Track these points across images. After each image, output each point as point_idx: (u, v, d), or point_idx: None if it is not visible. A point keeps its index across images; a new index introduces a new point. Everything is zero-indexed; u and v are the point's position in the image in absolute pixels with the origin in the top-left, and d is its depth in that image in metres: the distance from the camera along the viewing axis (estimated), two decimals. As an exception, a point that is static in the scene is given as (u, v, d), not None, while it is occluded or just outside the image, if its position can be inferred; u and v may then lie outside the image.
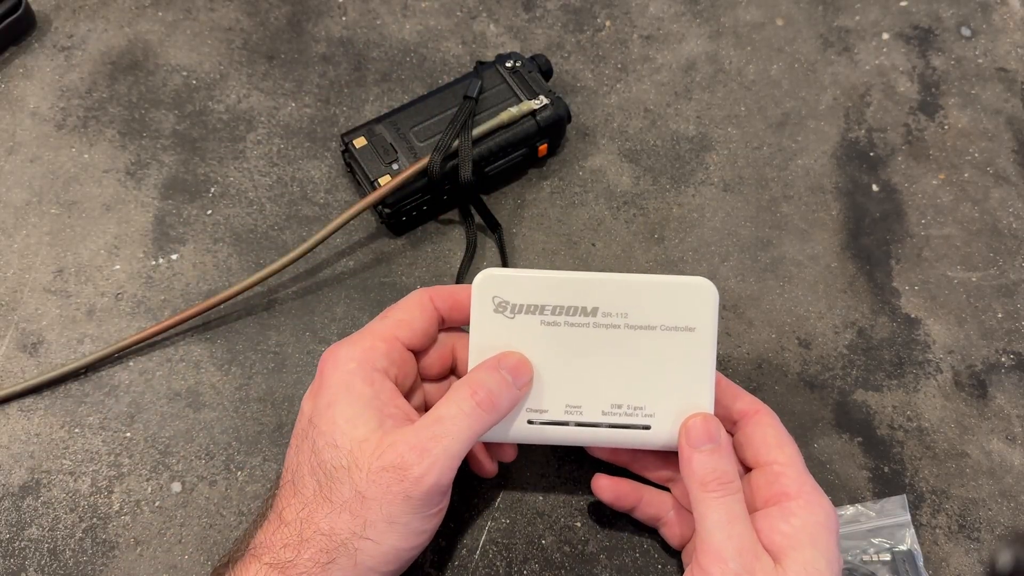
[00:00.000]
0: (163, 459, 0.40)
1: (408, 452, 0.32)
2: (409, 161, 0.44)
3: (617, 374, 0.35)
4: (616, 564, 0.39)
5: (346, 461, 0.32)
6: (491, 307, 0.35)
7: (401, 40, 0.53)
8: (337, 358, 0.34)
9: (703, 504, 0.33)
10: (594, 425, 0.35)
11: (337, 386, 0.33)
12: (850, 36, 0.54)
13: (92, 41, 0.52)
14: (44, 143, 0.49)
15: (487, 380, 0.34)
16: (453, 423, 0.32)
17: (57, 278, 0.45)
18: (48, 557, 0.38)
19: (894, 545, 0.39)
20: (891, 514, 0.40)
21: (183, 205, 0.47)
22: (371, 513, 0.31)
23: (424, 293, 0.36)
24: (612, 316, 0.35)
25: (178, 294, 0.45)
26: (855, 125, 0.51)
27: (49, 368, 0.42)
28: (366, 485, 0.31)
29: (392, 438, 0.32)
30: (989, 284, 0.46)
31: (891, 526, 0.39)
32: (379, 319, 0.36)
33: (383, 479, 0.31)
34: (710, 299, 0.34)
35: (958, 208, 0.48)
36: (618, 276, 0.35)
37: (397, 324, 0.35)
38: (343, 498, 0.32)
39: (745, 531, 0.32)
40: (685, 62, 0.52)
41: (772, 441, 0.35)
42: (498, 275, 0.35)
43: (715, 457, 0.33)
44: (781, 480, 0.34)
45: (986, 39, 0.54)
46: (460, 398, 0.33)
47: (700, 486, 0.33)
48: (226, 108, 0.50)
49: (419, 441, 0.32)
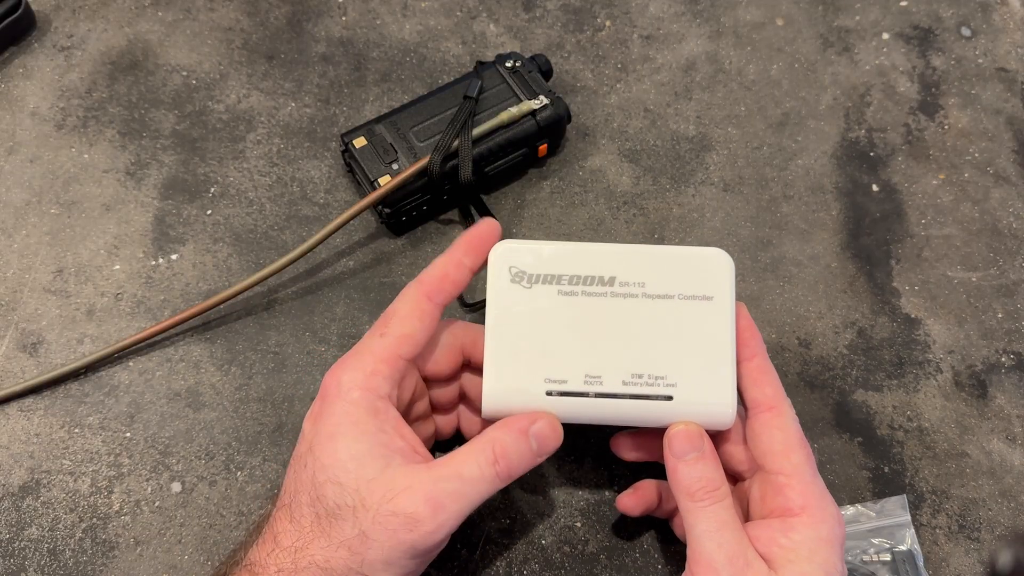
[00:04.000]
0: (163, 459, 0.40)
1: (423, 504, 0.31)
2: (409, 161, 0.44)
3: (636, 343, 0.34)
4: (616, 564, 0.39)
5: (352, 500, 0.31)
6: (508, 277, 0.34)
7: (401, 40, 0.53)
8: (340, 384, 0.33)
9: (692, 514, 0.32)
10: (615, 396, 0.34)
11: (340, 416, 0.32)
12: (850, 36, 0.54)
13: (92, 41, 0.52)
14: (44, 143, 0.49)
15: (512, 449, 0.33)
16: (472, 487, 0.32)
17: (57, 278, 0.45)
18: (48, 557, 0.38)
19: (894, 545, 0.39)
20: (891, 514, 0.40)
21: (183, 205, 0.47)
22: (371, 553, 0.31)
23: (420, 294, 0.34)
24: (630, 285, 0.34)
25: (178, 294, 0.45)
26: (855, 125, 0.51)
27: (49, 368, 0.42)
28: (371, 526, 0.31)
29: (405, 481, 0.31)
30: (989, 284, 0.46)
31: (891, 526, 0.39)
32: (379, 334, 0.34)
33: (391, 524, 0.31)
34: (726, 268, 0.34)
35: (958, 208, 0.48)
36: (635, 246, 0.35)
37: (399, 341, 0.33)
38: (343, 536, 0.31)
39: (734, 538, 0.32)
40: (685, 62, 0.52)
41: (779, 447, 0.33)
42: (515, 246, 0.35)
43: (700, 466, 0.33)
44: (785, 493, 0.33)
45: (986, 39, 0.54)
46: (482, 462, 0.32)
47: (687, 496, 0.32)
48: (226, 108, 0.50)
49: (435, 495, 0.31)
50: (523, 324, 0.34)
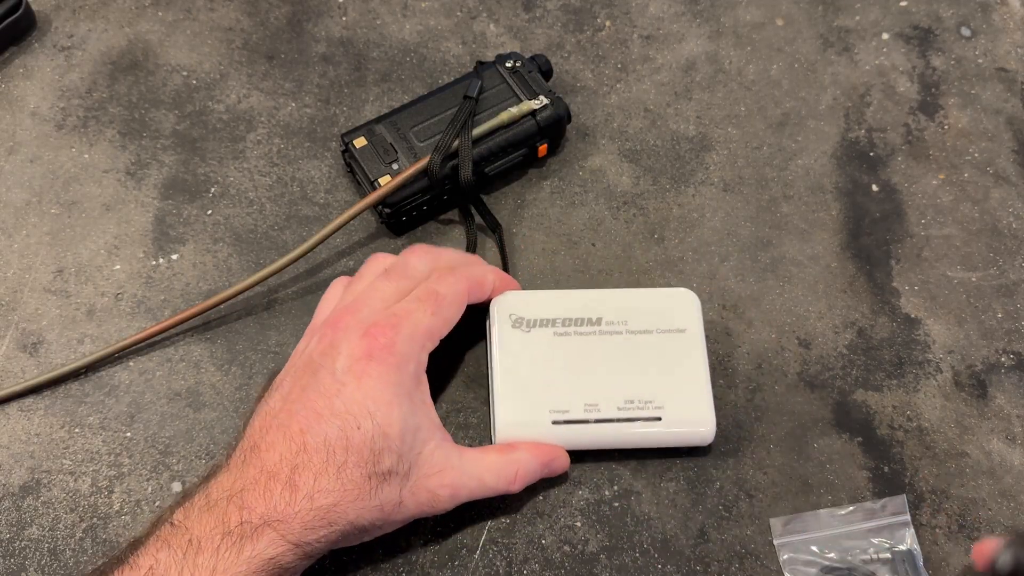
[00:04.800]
0: (163, 459, 0.41)
1: (447, 490, 0.35)
2: (409, 161, 0.44)
3: (626, 373, 0.39)
4: (616, 564, 0.39)
5: (403, 469, 0.33)
6: (509, 324, 0.40)
7: (401, 40, 0.53)
8: (395, 349, 0.34)
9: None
10: (612, 420, 0.38)
11: (396, 386, 0.34)
12: (850, 36, 0.54)
13: (92, 41, 0.52)
14: (44, 143, 0.49)
15: (531, 474, 0.38)
16: (485, 493, 0.36)
17: (57, 278, 0.45)
18: (48, 557, 0.38)
19: (894, 545, 0.39)
20: (891, 513, 0.40)
21: (183, 205, 0.47)
22: (394, 516, 0.33)
23: (465, 288, 0.37)
24: (615, 324, 0.40)
25: (178, 294, 0.45)
26: (855, 125, 0.51)
27: (49, 368, 0.42)
28: (408, 495, 0.33)
29: (442, 462, 0.34)
30: (989, 284, 0.46)
31: (891, 525, 0.39)
32: (431, 312, 0.36)
33: (421, 497, 0.34)
34: (694, 304, 0.41)
35: (958, 208, 0.48)
36: (616, 290, 0.42)
37: (444, 325, 0.36)
38: (385, 497, 0.33)
39: None
40: (685, 62, 0.52)
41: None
42: (513, 297, 0.41)
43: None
44: None
45: (986, 39, 0.54)
46: (504, 478, 0.36)
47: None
48: (226, 108, 0.50)
49: (457, 487, 0.35)
50: (526, 363, 0.39)
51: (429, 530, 0.39)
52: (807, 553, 0.39)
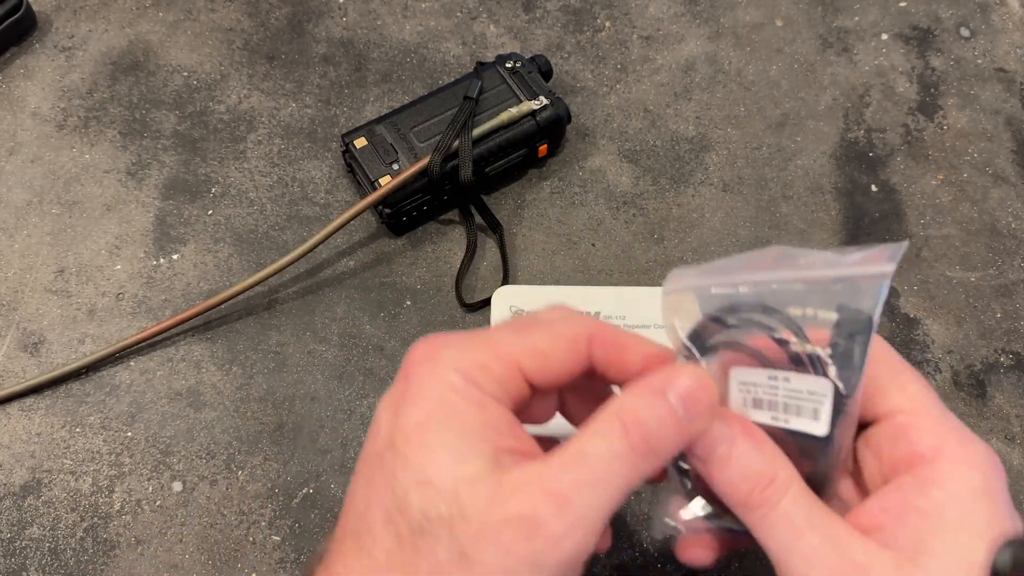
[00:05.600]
0: (164, 458, 0.41)
1: (542, 501, 0.23)
2: (409, 161, 0.45)
3: None
4: (616, 563, 0.39)
5: (447, 509, 0.23)
6: (509, 315, 0.40)
7: (401, 41, 0.53)
8: (437, 363, 0.25)
9: (756, 530, 0.24)
10: None
11: (435, 402, 0.24)
12: (849, 37, 0.54)
13: (93, 41, 0.52)
14: (45, 143, 0.49)
15: (646, 413, 0.24)
16: (604, 470, 0.23)
17: (58, 278, 0.45)
18: (49, 556, 0.38)
19: (849, 303, 0.25)
20: (869, 263, 0.25)
21: (184, 205, 0.47)
22: None
23: (585, 329, 0.26)
24: (612, 319, 0.40)
25: (179, 294, 0.45)
26: (854, 125, 0.51)
27: (50, 368, 0.42)
28: (474, 543, 0.22)
29: (516, 478, 0.23)
30: (988, 284, 0.46)
31: (859, 277, 0.25)
32: (510, 330, 0.26)
33: (503, 537, 0.22)
34: None
35: (957, 208, 0.48)
36: (614, 287, 0.42)
37: (530, 351, 0.26)
38: (435, 560, 0.23)
39: (823, 541, 0.23)
40: (684, 63, 0.53)
41: (886, 381, 0.25)
42: (515, 289, 0.41)
43: (737, 460, 0.24)
44: (908, 435, 0.24)
45: (985, 40, 0.54)
46: (610, 434, 0.24)
47: (741, 508, 0.25)
48: (227, 108, 0.50)
49: (558, 488, 0.23)
50: None
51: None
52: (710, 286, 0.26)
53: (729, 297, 0.26)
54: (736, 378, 0.26)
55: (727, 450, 0.24)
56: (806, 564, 0.23)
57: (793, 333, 0.25)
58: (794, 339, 0.25)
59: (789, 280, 0.25)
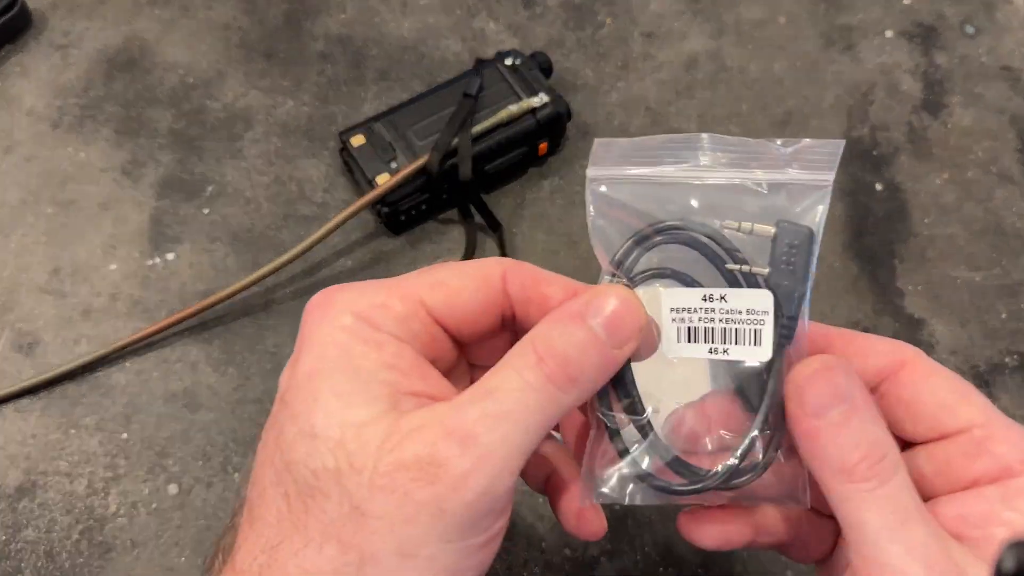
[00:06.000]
0: (160, 461, 0.40)
1: (443, 440, 0.20)
2: (408, 160, 0.44)
3: None
4: (617, 567, 0.38)
5: (332, 460, 0.20)
6: None
7: (400, 38, 0.52)
8: (330, 307, 0.23)
9: (852, 503, 0.21)
10: None
11: (326, 346, 0.22)
12: (853, 34, 0.53)
13: (88, 39, 0.52)
14: (40, 142, 0.48)
15: (563, 340, 0.22)
16: (515, 403, 0.21)
17: (53, 278, 0.44)
18: (44, 559, 0.38)
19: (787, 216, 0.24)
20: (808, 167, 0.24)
21: (180, 204, 0.47)
22: (374, 541, 0.20)
23: (498, 264, 0.24)
24: None
25: (174, 294, 0.44)
26: (858, 123, 0.50)
27: (45, 369, 0.42)
28: (367, 494, 0.20)
29: (415, 420, 0.21)
30: (993, 284, 0.46)
31: (800, 187, 0.24)
32: (416, 272, 0.24)
33: (398, 483, 0.20)
34: None
35: (962, 207, 0.48)
36: None
37: (433, 285, 0.23)
38: (327, 518, 0.20)
39: (928, 533, 0.21)
40: (687, 60, 0.52)
41: (950, 397, 0.24)
42: None
43: (854, 425, 0.21)
44: (990, 448, 0.23)
45: (990, 37, 0.53)
46: (523, 364, 0.21)
47: (842, 475, 0.21)
48: (223, 106, 0.50)
49: (461, 423, 0.20)
50: None
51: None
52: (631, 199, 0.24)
53: (657, 204, 0.24)
54: (667, 303, 0.24)
55: (844, 415, 0.22)
56: (908, 554, 0.20)
57: (727, 251, 0.24)
58: (728, 257, 0.24)
59: (723, 185, 0.24)
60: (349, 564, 0.20)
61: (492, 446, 0.20)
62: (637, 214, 0.24)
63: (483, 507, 0.21)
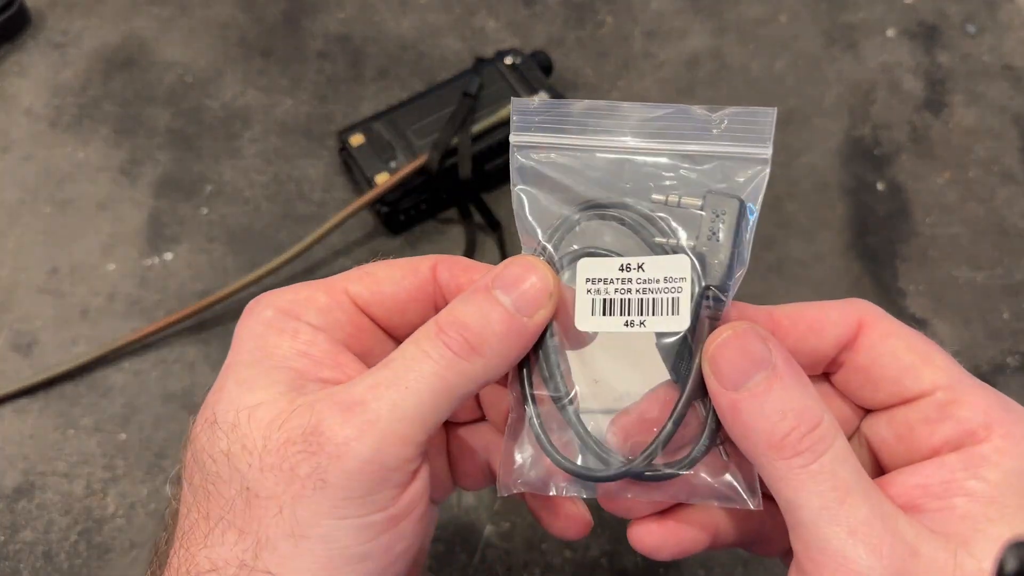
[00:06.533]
0: (158, 461, 0.40)
1: (328, 411, 0.20)
2: (407, 159, 0.44)
3: None
4: (618, 569, 0.38)
5: (227, 442, 0.20)
6: None
7: (399, 36, 0.52)
8: (256, 305, 0.23)
9: (785, 482, 0.19)
10: None
11: (244, 340, 0.22)
12: (855, 32, 0.53)
13: (87, 38, 0.52)
14: (38, 141, 0.48)
15: (464, 310, 0.21)
16: (408, 366, 0.20)
17: (51, 278, 0.44)
18: (42, 560, 0.38)
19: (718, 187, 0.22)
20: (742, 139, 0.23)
21: (178, 204, 0.46)
22: (267, 524, 0.19)
23: (430, 257, 0.24)
24: None
25: (172, 294, 0.44)
26: (860, 122, 0.50)
27: (43, 369, 0.42)
28: (257, 475, 0.19)
29: (310, 398, 0.20)
30: (995, 284, 0.46)
31: (735, 159, 0.23)
32: (350, 271, 0.25)
33: (286, 458, 0.19)
34: None
35: (964, 207, 0.48)
36: None
37: (359, 276, 0.24)
38: (225, 502, 0.20)
39: (871, 510, 0.19)
40: (688, 58, 0.52)
41: (911, 358, 0.21)
42: None
43: (776, 392, 0.19)
44: (952, 412, 0.21)
45: (992, 36, 0.53)
46: (422, 335, 0.21)
47: (771, 452, 0.19)
48: (221, 105, 0.49)
49: (350, 394, 0.20)
50: None
51: (427, 534, 0.38)
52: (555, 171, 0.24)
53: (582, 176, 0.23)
54: (584, 274, 0.23)
55: (764, 383, 0.20)
56: (849, 536, 0.18)
57: (652, 223, 0.23)
58: (654, 228, 0.23)
59: (653, 151, 0.23)
60: (247, 551, 0.19)
61: (379, 412, 0.20)
62: (562, 187, 0.23)
63: (371, 477, 0.20)
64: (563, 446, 0.23)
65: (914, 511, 0.20)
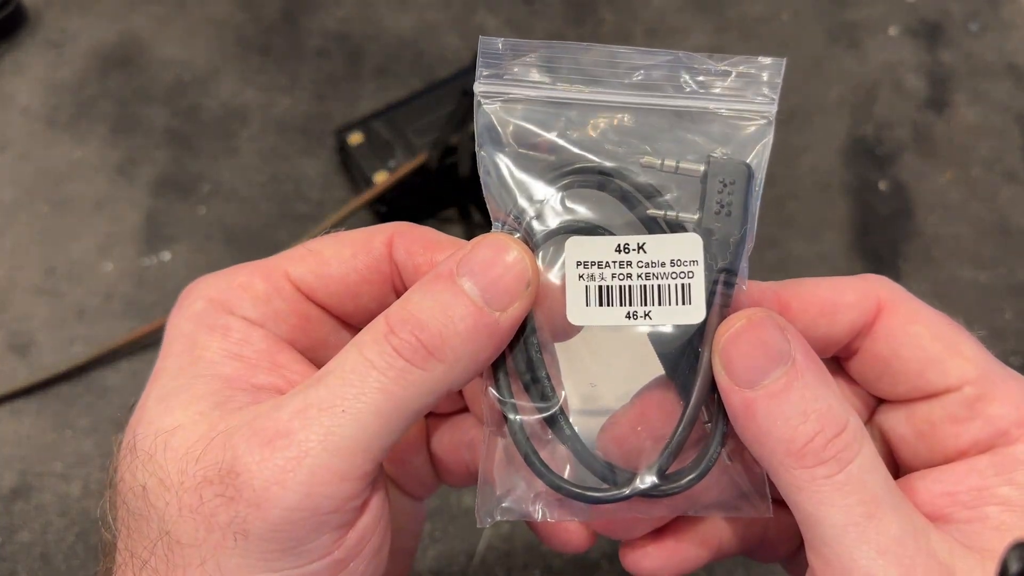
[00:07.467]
0: (155, 463, 0.40)
1: (245, 443, 0.16)
2: (406, 158, 0.44)
3: None
4: (618, 570, 0.38)
5: (144, 475, 0.17)
6: None
7: (398, 34, 0.52)
8: (187, 295, 0.20)
9: (806, 494, 0.17)
10: None
11: (171, 341, 0.20)
12: (857, 31, 0.53)
13: (83, 36, 0.51)
14: (34, 140, 0.48)
15: (420, 305, 0.18)
16: (346, 383, 0.17)
17: (48, 278, 0.44)
18: (39, 562, 0.38)
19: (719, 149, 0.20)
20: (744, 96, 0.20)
21: (175, 203, 0.46)
22: (189, 574, 0.17)
23: (384, 230, 0.21)
24: None
25: (169, 294, 0.44)
26: (862, 121, 0.50)
27: (39, 370, 0.41)
28: (176, 516, 0.17)
29: (234, 420, 0.17)
30: (998, 284, 0.45)
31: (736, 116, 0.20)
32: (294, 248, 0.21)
33: (205, 501, 0.16)
34: None
35: (967, 206, 0.47)
36: None
37: (302, 256, 0.20)
38: (149, 546, 0.17)
39: (903, 527, 0.17)
40: (688, 57, 0.52)
41: (936, 349, 0.19)
42: None
43: (797, 392, 0.17)
44: (982, 409, 0.18)
45: (995, 34, 0.53)
46: (368, 338, 0.17)
47: (790, 459, 0.17)
48: (219, 104, 0.49)
49: (273, 421, 0.17)
50: None
51: (426, 535, 0.38)
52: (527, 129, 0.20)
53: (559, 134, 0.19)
54: (573, 255, 0.19)
55: (784, 380, 0.17)
56: (879, 555, 0.16)
57: (646, 194, 0.19)
58: (648, 201, 0.19)
59: (646, 105, 0.18)
60: None
61: (306, 445, 0.16)
62: (538, 148, 0.19)
63: (300, 526, 0.16)
64: (549, 462, 0.19)
65: (941, 521, 0.18)
